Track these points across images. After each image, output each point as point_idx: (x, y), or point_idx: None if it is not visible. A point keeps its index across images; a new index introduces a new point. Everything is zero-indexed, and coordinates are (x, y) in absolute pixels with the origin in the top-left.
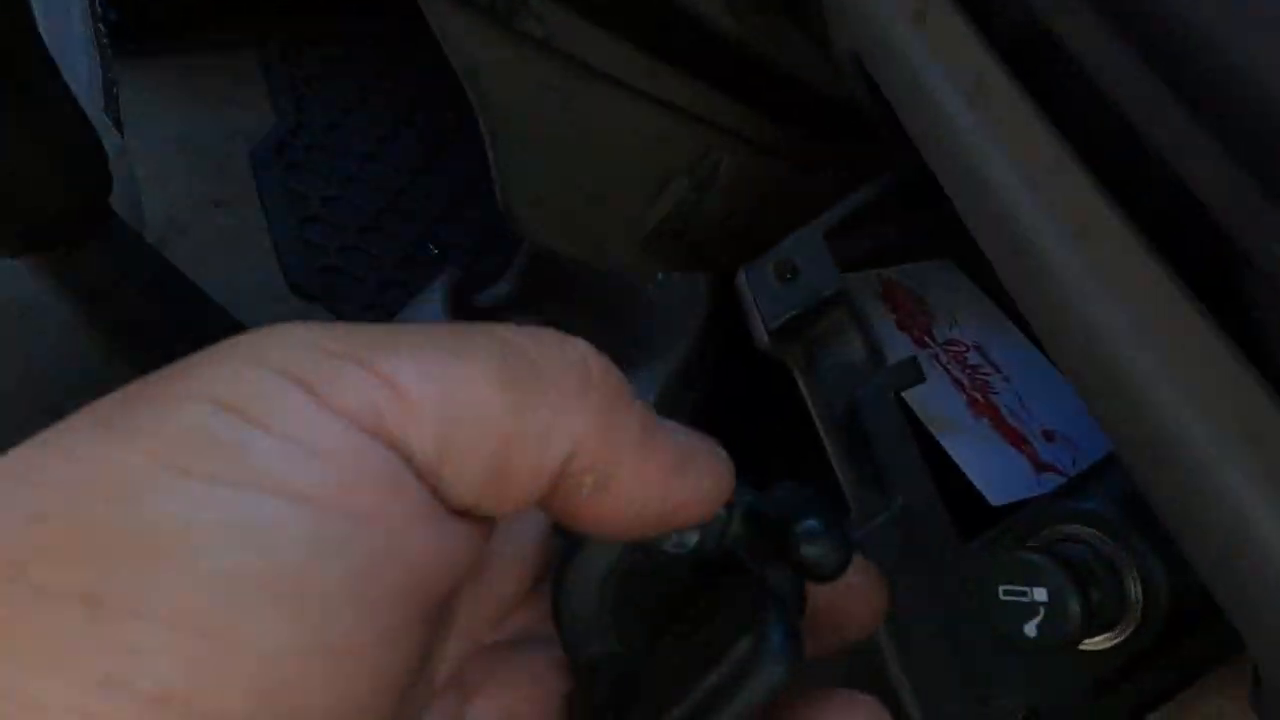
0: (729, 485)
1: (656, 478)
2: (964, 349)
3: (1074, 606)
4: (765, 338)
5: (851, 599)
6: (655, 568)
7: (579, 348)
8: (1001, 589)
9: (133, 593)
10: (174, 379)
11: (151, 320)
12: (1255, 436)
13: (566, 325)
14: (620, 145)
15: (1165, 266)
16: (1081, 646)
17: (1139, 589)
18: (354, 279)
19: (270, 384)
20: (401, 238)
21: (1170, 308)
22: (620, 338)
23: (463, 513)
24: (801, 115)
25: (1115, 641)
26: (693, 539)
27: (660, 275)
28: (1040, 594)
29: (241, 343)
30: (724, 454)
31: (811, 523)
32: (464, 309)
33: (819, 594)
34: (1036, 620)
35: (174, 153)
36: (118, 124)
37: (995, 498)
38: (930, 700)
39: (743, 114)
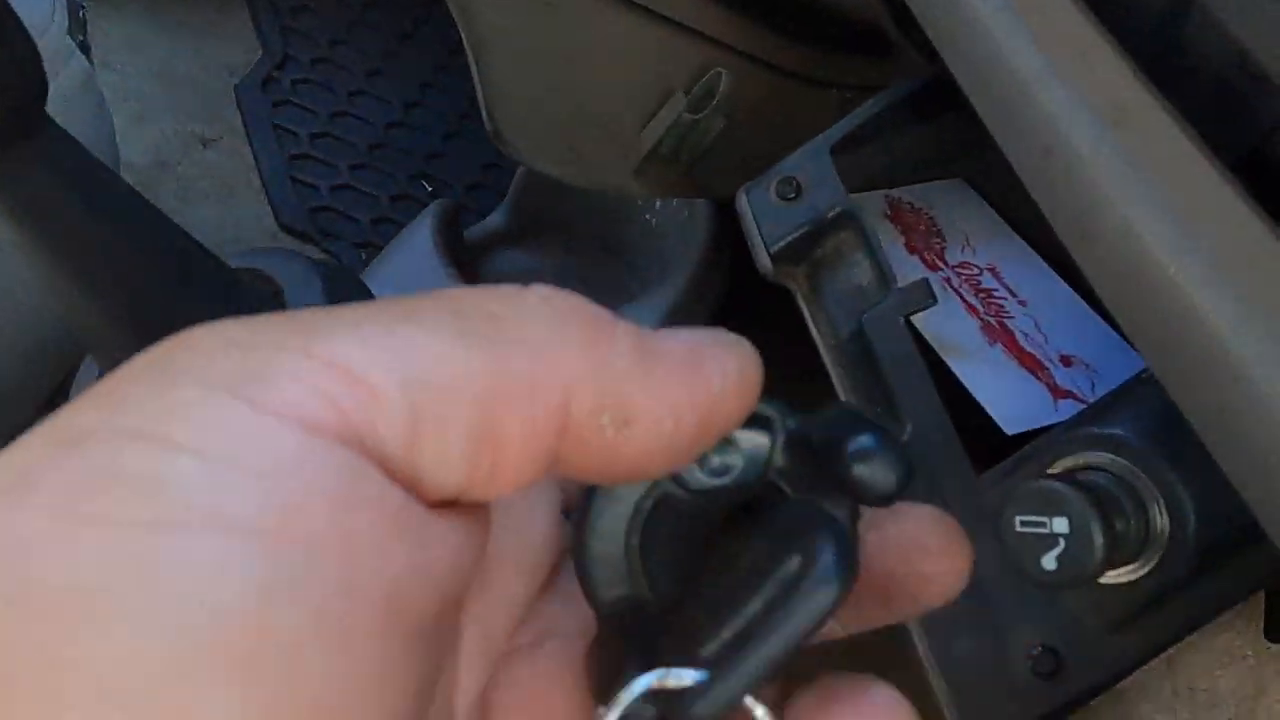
0: (756, 367)
1: (675, 386)
2: (977, 272)
3: (1097, 537)
4: (767, 261)
5: (931, 560)
6: (689, 506)
7: (537, 290)
8: (1018, 520)
9: (37, 687)
10: (77, 413)
11: (99, 238)
12: None
13: (561, 258)
14: (613, 61)
15: (1209, 155)
16: (1102, 580)
17: (1165, 520)
18: (346, 218)
19: (191, 396)
20: (394, 175)
21: (1217, 200)
22: (618, 271)
23: (448, 504)
24: (806, 29)
25: (1138, 575)
26: (734, 465)
27: (658, 203)
28: (1060, 524)
29: (155, 356)
30: (737, 336)
31: (865, 439)
32: (455, 243)
33: (893, 556)
34: (1056, 552)
35: (157, 88)
36: (84, 49)
37: (1011, 426)
38: (940, 638)
39: (744, 28)
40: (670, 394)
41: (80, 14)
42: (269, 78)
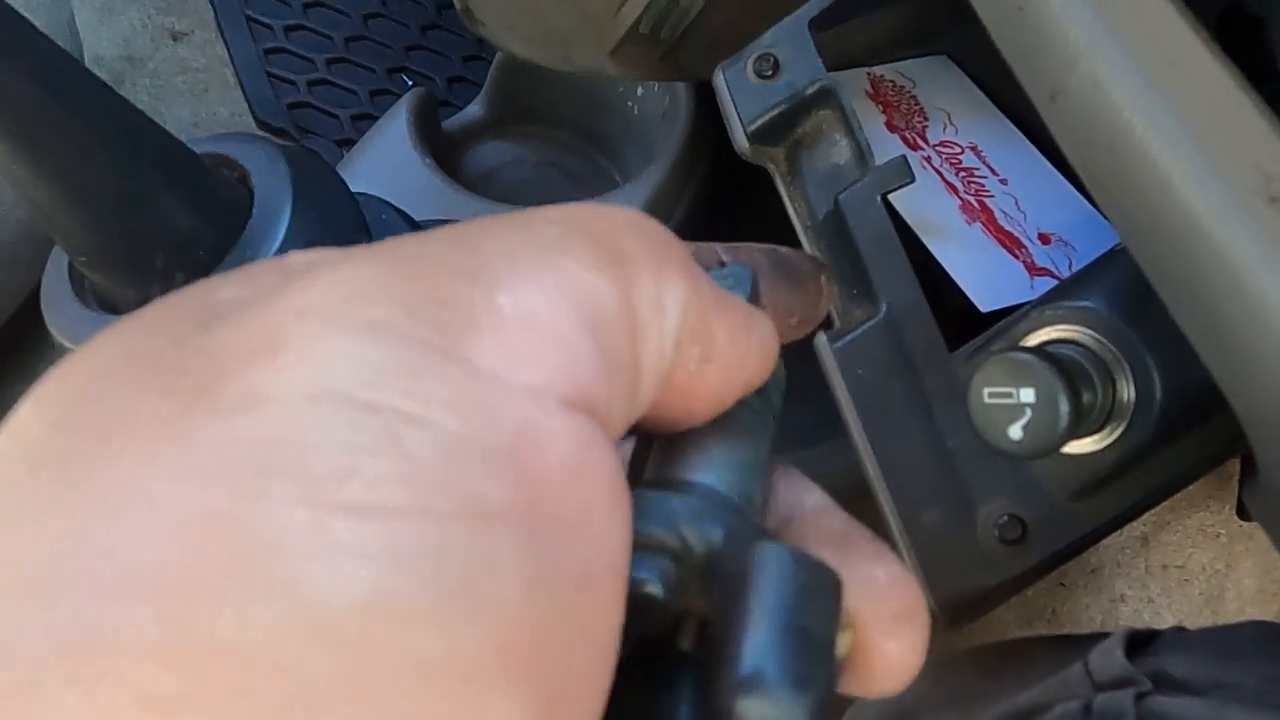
0: (774, 332)
1: (742, 335)
2: (959, 150)
3: (1063, 407)
4: (744, 141)
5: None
6: None
7: (626, 212)
8: (986, 391)
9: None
10: (274, 372)
11: (60, 126)
12: (1274, 198)
13: (543, 148)
14: None
15: (1184, 8)
16: (1069, 450)
17: (1132, 390)
18: (325, 113)
19: (402, 357)
20: (373, 69)
21: (1186, 54)
22: (600, 159)
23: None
24: None
25: (1104, 444)
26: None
27: (639, 90)
28: (1027, 395)
29: (319, 299)
30: (761, 313)
31: (761, 671)
32: (432, 133)
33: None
34: (1022, 422)
35: None
36: None
37: (985, 304)
38: (910, 507)
39: None
40: (739, 342)
41: None
42: None
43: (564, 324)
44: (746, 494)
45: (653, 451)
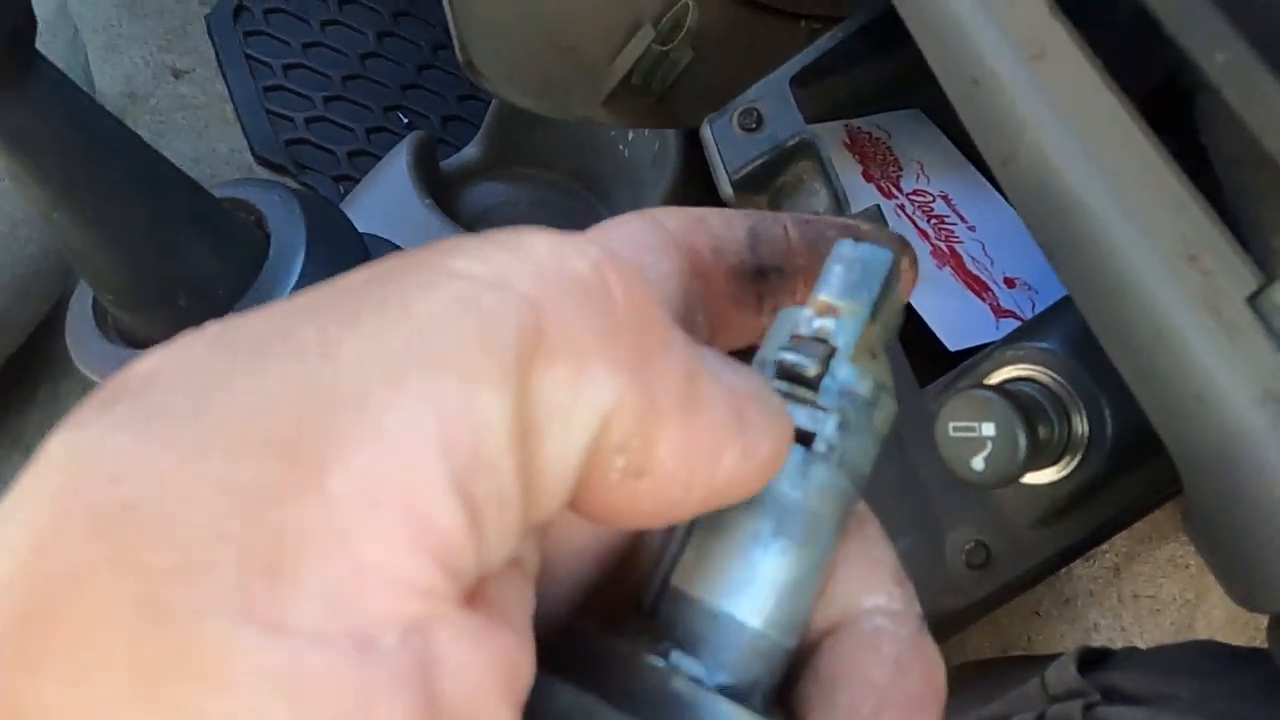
0: (787, 445)
1: (707, 447)
2: (930, 199)
3: (1021, 440)
4: (729, 189)
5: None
6: None
7: (588, 254)
8: (951, 425)
9: None
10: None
11: (89, 168)
12: (1193, 257)
13: (537, 189)
14: None
15: (1116, 89)
16: (1029, 480)
17: (1086, 425)
18: (322, 150)
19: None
20: (369, 107)
21: (1118, 129)
22: (592, 201)
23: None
24: None
25: (1061, 475)
26: None
27: (630, 134)
28: (988, 429)
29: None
30: (781, 404)
31: None
32: (431, 174)
33: None
34: (984, 454)
35: (126, 18)
36: None
37: (954, 343)
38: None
39: None
40: (700, 455)
41: None
42: (240, 7)
43: (417, 487)
44: (785, 620)
45: (691, 538)
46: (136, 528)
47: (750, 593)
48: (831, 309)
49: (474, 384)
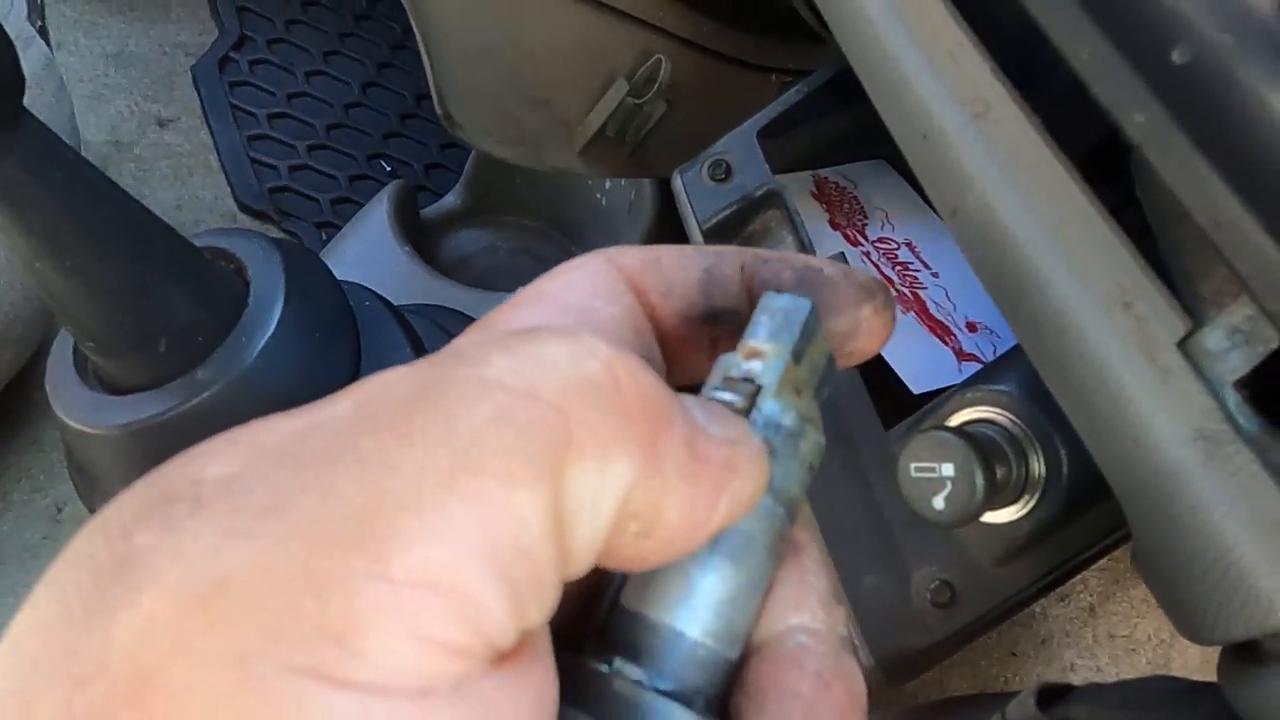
0: (765, 482)
1: (705, 503)
2: (895, 246)
3: (979, 479)
4: (699, 237)
5: None
6: None
7: (599, 354)
8: (913, 466)
9: None
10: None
11: (73, 220)
12: (1127, 304)
13: (515, 237)
14: (558, 48)
15: (1055, 146)
16: (989, 519)
17: (1042, 465)
18: (305, 198)
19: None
20: (353, 155)
21: (1058, 185)
22: (570, 248)
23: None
24: (744, 15)
25: (1020, 514)
26: None
27: (607, 183)
28: (948, 469)
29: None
30: (761, 447)
31: None
32: (410, 222)
33: None
34: (944, 494)
35: (113, 69)
36: (43, 34)
37: (917, 386)
38: (851, 573)
39: (683, 15)
40: (699, 511)
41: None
42: (226, 58)
43: (466, 576)
44: (722, 631)
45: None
46: (229, 604)
47: (688, 606)
48: (757, 353)
49: (513, 488)
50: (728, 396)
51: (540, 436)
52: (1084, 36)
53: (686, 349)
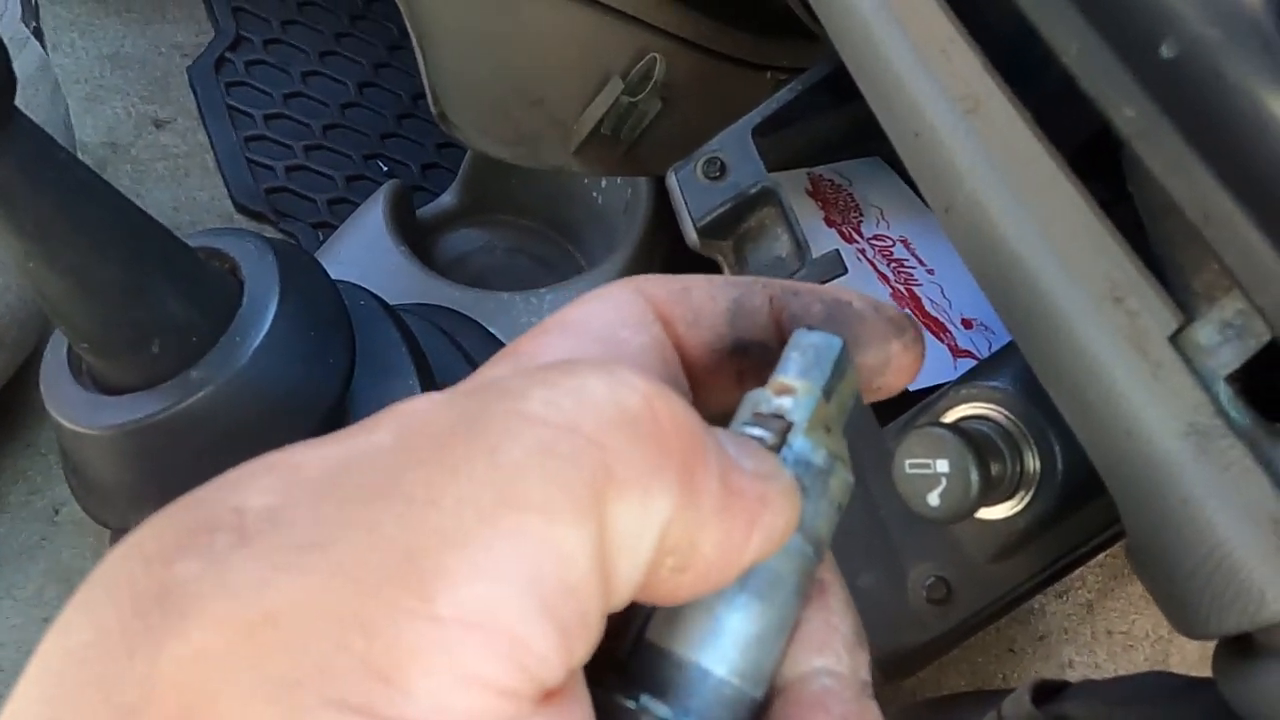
0: (796, 517)
1: (739, 536)
2: (890, 243)
3: (973, 475)
4: (694, 235)
5: None
6: None
7: (637, 388)
8: (908, 463)
9: None
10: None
11: (66, 222)
12: (1118, 299)
13: (512, 236)
14: (553, 47)
15: (1046, 141)
16: (984, 515)
17: (1037, 461)
18: (302, 198)
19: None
20: (349, 155)
21: (1048, 179)
22: (566, 247)
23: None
24: (739, 14)
25: (1015, 510)
26: None
27: (603, 182)
28: (942, 465)
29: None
30: (793, 481)
31: None
32: (406, 222)
33: None
34: (939, 490)
35: (108, 70)
36: (38, 35)
37: (913, 383)
38: (848, 571)
39: (678, 13)
40: (734, 545)
41: (33, 1)
42: (222, 59)
43: (513, 615)
44: (749, 670)
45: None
46: (277, 638)
47: (716, 644)
48: (788, 389)
49: (557, 523)
50: (758, 432)
51: (583, 471)
52: (1073, 31)
53: (712, 380)
